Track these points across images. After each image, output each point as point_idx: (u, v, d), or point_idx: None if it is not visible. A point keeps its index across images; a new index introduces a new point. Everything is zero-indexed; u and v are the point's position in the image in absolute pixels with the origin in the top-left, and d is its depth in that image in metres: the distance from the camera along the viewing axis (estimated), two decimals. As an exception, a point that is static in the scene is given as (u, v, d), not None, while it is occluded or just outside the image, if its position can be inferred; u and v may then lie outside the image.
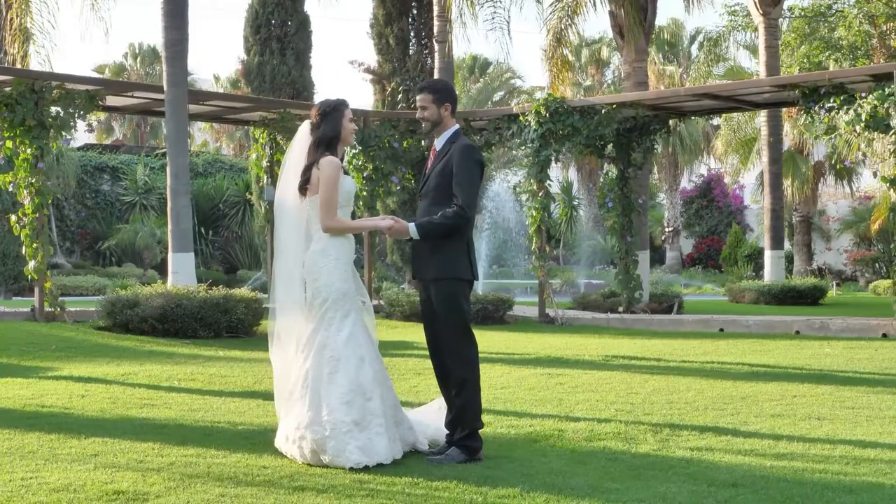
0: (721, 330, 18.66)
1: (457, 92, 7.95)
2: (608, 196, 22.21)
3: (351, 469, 6.71)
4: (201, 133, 63.33)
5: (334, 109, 7.30)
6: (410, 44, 25.84)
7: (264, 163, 21.90)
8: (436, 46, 20.69)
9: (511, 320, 20.43)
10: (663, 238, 46.09)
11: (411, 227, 7.22)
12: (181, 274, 17.10)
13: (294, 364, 7.19)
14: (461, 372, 7.21)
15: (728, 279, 34.75)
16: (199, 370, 12.12)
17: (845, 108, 17.56)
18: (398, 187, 22.29)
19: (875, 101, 17.00)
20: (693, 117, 25.31)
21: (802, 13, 30.16)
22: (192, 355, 13.87)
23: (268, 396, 10.05)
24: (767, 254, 26.53)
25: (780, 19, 27.81)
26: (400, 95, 25.33)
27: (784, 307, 23.99)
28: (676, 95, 21.02)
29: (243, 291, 17.00)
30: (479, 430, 7.24)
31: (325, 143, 7.23)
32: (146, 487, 6.22)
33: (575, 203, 46.83)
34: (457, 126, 7.46)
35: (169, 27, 17.32)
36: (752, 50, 39.26)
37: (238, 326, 16.29)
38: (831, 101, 17.74)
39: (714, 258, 43.67)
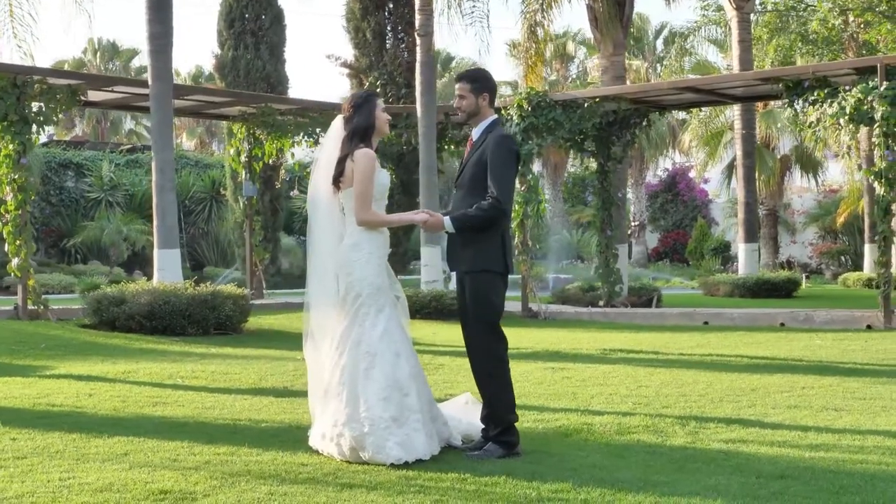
0: (705, 323, 18.67)
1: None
2: (588, 190, 22.27)
3: (391, 465, 6.62)
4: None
5: (366, 101, 7.22)
6: (387, 38, 25.72)
7: (242, 158, 21.73)
8: (418, 40, 20.54)
9: (494, 315, 20.31)
10: (629, 232, 46.18)
11: (446, 220, 7.13)
12: (167, 271, 16.95)
13: (328, 361, 7.08)
14: (488, 366, 7.15)
15: (696, 273, 34.90)
16: (198, 368, 11.98)
17: (829, 101, 17.65)
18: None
19: (859, 95, 17.10)
20: (672, 111, 25.38)
21: (774, 7, 30.29)
22: (185, 353, 13.73)
23: (278, 394, 10.05)
24: (741, 247, 26.66)
25: (753, 14, 27.90)
26: (378, 90, 25.19)
27: (759, 300, 24.10)
28: (659, 89, 21.07)
29: (231, 288, 16.87)
30: (515, 425, 7.18)
31: (360, 133, 7.14)
32: (190, 486, 6.12)
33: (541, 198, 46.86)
34: (494, 116, 7.38)
35: (153, 20, 17.12)
36: (719, 45, 39.48)
37: (226, 323, 16.17)
38: (815, 94, 17.82)
39: (680, 252, 43.82)
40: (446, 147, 22.63)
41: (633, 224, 46.07)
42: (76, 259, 34.44)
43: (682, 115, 40.99)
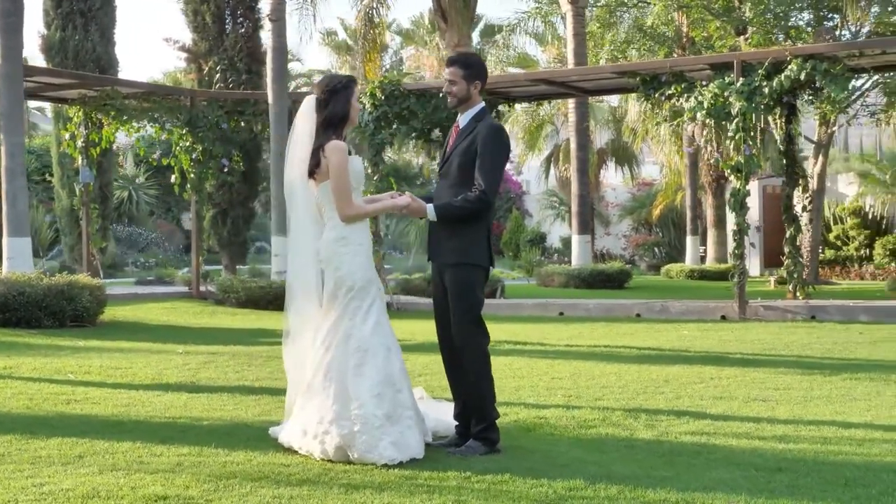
0: (561, 314, 18.81)
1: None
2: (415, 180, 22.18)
3: (384, 466, 6.34)
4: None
5: (344, 87, 6.80)
6: (227, 22, 25.06)
7: (79, 143, 20.81)
8: (269, 25, 20.06)
9: (347, 306, 20.05)
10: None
11: (429, 208, 6.88)
12: (17, 259, 16.05)
13: (311, 356, 6.73)
14: (475, 362, 6.95)
15: (514, 264, 35.19)
16: (83, 363, 11.37)
17: (685, 95, 17.99)
18: (226, 170, 21.55)
19: (716, 90, 17.48)
20: (521, 102, 25.48)
21: (606, 4, 30.75)
22: (54, 346, 12.99)
23: (189, 390, 9.67)
24: (575, 238, 26.89)
25: (587, 8, 28.21)
26: (218, 75, 24.53)
27: (594, 290, 24.40)
28: (515, 80, 21.11)
29: (87, 278, 16.11)
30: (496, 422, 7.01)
31: (334, 124, 6.77)
32: (182, 491, 5.73)
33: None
34: (482, 104, 7.13)
35: (2, -3, 16.19)
36: (539, 39, 39.91)
37: (83, 315, 15.40)
38: (671, 88, 18.13)
39: (494, 243, 44.05)
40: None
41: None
42: None
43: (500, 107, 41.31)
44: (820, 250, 28.51)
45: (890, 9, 24.45)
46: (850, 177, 35.31)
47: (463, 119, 7.07)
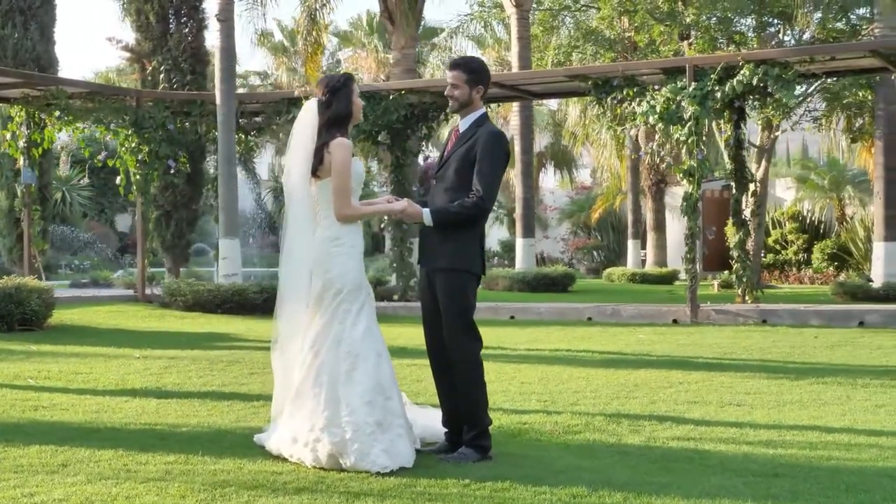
0: (512, 317, 18.76)
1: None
2: (383, 183, 22.07)
3: (377, 473, 6.23)
4: None
5: (344, 85, 6.72)
6: (170, 21, 24.77)
7: (21, 143, 20.42)
8: (218, 25, 19.82)
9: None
10: (381, 226, 46.09)
11: (425, 212, 6.78)
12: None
13: (300, 361, 6.59)
14: (466, 368, 6.86)
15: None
16: (42, 368, 11.12)
17: (638, 99, 18.03)
18: (173, 171, 21.21)
19: (668, 94, 17.54)
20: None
21: (550, 7, 30.76)
22: (6, 351, 12.68)
23: (159, 395, 9.50)
24: (519, 242, 26.89)
25: (531, 11, 28.20)
26: (162, 75, 24.23)
27: (538, 294, 24.39)
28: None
29: (35, 281, 15.79)
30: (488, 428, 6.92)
31: (339, 122, 6.67)
32: (177, 500, 5.62)
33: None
34: (484, 109, 7.02)
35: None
36: (479, 42, 39.94)
37: (31, 319, 15.08)
38: (623, 92, 18.17)
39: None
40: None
41: (385, 218, 46.00)
42: None
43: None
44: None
45: (832, 14, 24.68)
46: (787, 181, 35.70)
47: (463, 123, 6.96)
